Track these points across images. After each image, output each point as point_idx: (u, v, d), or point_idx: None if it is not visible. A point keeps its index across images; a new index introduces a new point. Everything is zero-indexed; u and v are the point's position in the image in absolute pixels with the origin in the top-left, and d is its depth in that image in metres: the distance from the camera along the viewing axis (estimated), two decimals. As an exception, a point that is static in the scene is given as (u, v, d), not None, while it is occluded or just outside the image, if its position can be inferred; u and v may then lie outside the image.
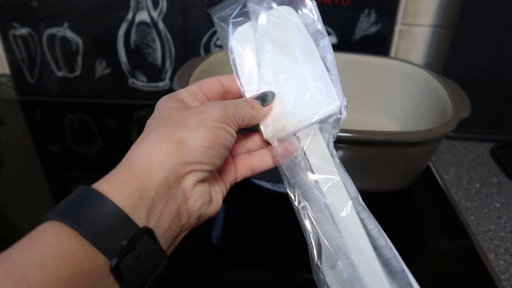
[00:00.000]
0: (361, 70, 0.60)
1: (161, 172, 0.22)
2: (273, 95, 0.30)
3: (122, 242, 0.20)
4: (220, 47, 0.68)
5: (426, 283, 0.41)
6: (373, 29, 0.66)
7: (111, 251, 0.20)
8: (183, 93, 0.28)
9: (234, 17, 0.31)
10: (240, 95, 0.31)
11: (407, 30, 0.67)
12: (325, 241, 0.29)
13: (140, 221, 0.21)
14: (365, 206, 0.30)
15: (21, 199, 0.51)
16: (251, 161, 0.31)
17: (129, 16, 0.67)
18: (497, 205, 0.52)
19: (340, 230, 0.28)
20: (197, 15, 0.66)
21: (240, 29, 0.31)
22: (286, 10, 0.32)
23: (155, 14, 0.66)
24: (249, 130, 0.31)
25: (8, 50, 0.71)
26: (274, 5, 0.32)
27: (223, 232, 0.46)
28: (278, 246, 0.44)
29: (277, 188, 0.51)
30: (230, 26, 0.31)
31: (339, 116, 0.32)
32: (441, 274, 0.41)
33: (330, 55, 0.32)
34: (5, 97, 0.76)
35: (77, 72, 0.72)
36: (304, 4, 0.33)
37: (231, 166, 0.30)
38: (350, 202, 0.29)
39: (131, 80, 0.72)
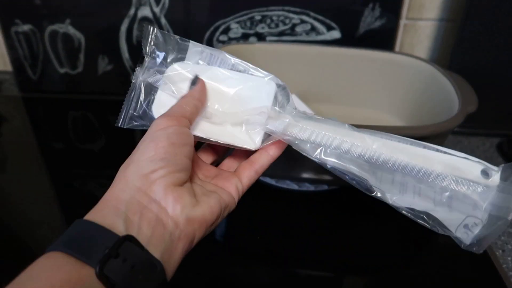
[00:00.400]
0: (365, 65, 0.59)
1: (125, 193, 0.25)
2: (197, 76, 0.31)
3: (105, 250, 0.21)
4: (223, 42, 0.68)
5: (433, 279, 0.40)
6: (378, 24, 0.65)
7: (94, 260, 0.21)
8: None
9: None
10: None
11: (412, 25, 0.66)
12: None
13: (121, 233, 0.23)
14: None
15: (24, 196, 0.51)
16: (252, 162, 0.32)
17: (131, 12, 0.66)
18: (504, 200, 0.51)
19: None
20: (200, 10, 0.65)
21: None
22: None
23: (157, 10, 0.66)
24: None
25: (10, 47, 0.71)
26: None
27: (227, 229, 0.46)
28: (282, 242, 0.44)
29: (281, 184, 0.50)
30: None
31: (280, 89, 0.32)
32: (448, 270, 0.41)
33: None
34: (7, 94, 0.76)
35: (80, 68, 0.72)
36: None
37: (229, 175, 0.31)
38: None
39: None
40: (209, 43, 0.68)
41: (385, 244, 0.44)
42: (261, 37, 0.67)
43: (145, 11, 0.66)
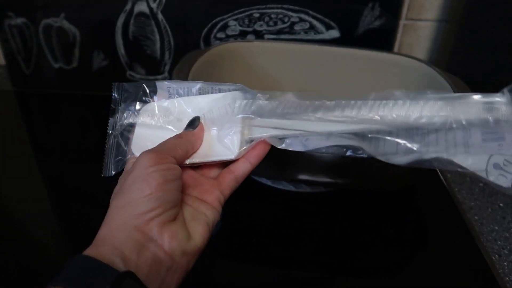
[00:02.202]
0: (364, 65, 0.59)
1: (122, 232, 0.25)
2: (198, 118, 0.32)
3: (106, 286, 0.22)
4: (221, 40, 0.67)
5: (429, 284, 0.40)
6: (377, 23, 0.64)
7: None
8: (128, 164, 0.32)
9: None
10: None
11: (412, 25, 0.66)
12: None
13: (120, 269, 0.23)
14: None
15: (16, 192, 0.50)
16: (233, 171, 0.32)
17: (128, 6, 0.65)
18: (501, 204, 0.51)
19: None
20: (197, 7, 0.65)
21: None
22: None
23: (154, 5, 0.65)
24: None
25: (3, 40, 0.70)
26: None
27: (222, 230, 0.45)
28: (278, 244, 0.43)
29: (276, 185, 0.50)
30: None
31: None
32: (444, 275, 0.40)
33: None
34: (0, 89, 0.74)
35: (74, 63, 0.71)
36: None
37: (211, 186, 0.31)
38: None
39: (129, 73, 0.71)
40: (207, 41, 0.67)
41: (380, 246, 0.44)
42: (259, 35, 0.66)
43: (141, 6, 0.65)
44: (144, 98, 0.35)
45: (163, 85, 0.34)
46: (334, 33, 0.65)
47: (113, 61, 0.70)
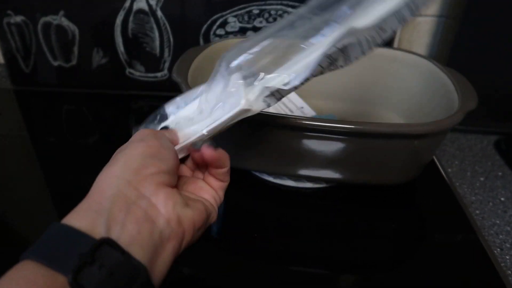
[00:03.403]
0: (363, 61, 0.58)
1: (112, 187, 0.23)
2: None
3: (79, 257, 0.20)
4: (220, 36, 0.67)
5: (430, 278, 0.40)
6: (377, 19, 0.64)
7: (67, 268, 0.20)
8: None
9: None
10: None
11: (411, 20, 0.66)
12: None
13: (100, 235, 0.21)
14: None
15: (16, 191, 0.50)
16: (213, 174, 0.32)
17: (127, 4, 0.65)
18: (502, 199, 0.51)
19: None
20: (196, 3, 0.64)
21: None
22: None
23: (153, 2, 0.64)
24: None
25: (2, 38, 0.69)
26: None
27: (224, 225, 0.45)
28: (279, 239, 0.43)
29: (278, 180, 0.50)
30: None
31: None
32: (445, 269, 0.40)
33: None
34: (-1, 87, 0.74)
35: (73, 61, 0.71)
36: None
37: (205, 184, 0.31)
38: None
39: (128, 70, 0.71)
40: (206, 37, 0.67)
41: (382, 241, 0.44)
42: (258, 32, 0.66)
43: (140, 4, 0.65)
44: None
45: (171, 108, 0.34)
46: (334, 29, 0.65)
47: (113, 58, 0.70)
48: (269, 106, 0.32)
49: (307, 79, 0.31)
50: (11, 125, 0.65)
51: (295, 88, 0.32)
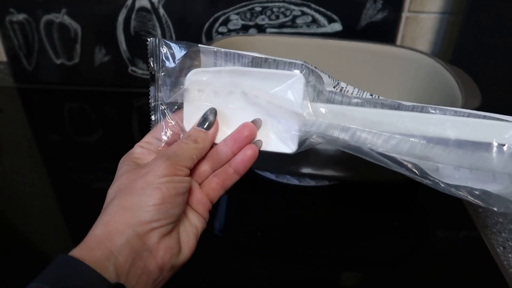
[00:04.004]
0: (366, 58, 0.59)
1: (122, 235, 0.24)
2: (213, 111, 0.30)
3: None
4: (222, 34, 0.67)
5: (433, 276, 0.40)
6: (379, 16, 0.64)
7: None
8: (136, 151, 0.30)
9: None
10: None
11: (414, 17, 0.65)
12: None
13: (111, 280, 0.23)
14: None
15: (20, 188, 0.50)
16: (218, 177, 0.31)
17: (129, 1, 0.65)
18: (505, 197, 0.51)
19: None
20: (199, 1, 0.64)
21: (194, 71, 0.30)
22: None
23: (155, 0, 0.64)
24: None
25: (5, 36, 0.69)
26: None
27: (226, 224, 0.45)
28: (282, 237, 0.43)
29: (281, 179, 0.50)
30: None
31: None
32: (448, 267, 0.40)
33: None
34: (2, 85, 0.74)
35: (76, 59, 0.71)
36: None
37: (202, 195, 0.30)
38: None
39: (131, 68, 0.71)
40: (208, 35, 0.67)
41: (385, 239, 0.44)
42: (261, 29, 0.66)
43: (143, 1, 0.65)
44: (188, 64, 0.30)
45: (208, 50, 0.30)
46: (337, 26, 0.65)
47: (115, 56, 0.70)
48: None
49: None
50: (14, 122, 0.65)
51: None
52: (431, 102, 0.53)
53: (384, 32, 0.65)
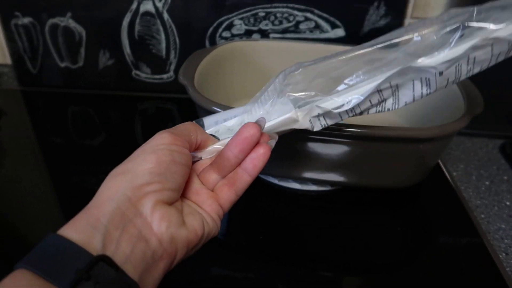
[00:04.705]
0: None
1: (112, 202, 0.23)
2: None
3: (76, 273, 0.20)
4: (226, 39, 0.67)
5: (434, 282, 0.40)
6: (382, 22, 0.64)
7: (64, 282, 0.20)
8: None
9: None
10: None
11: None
12: None
13: (96, 251, 0.22)
14: None
15: (23, 191, 0.50)
16: (228, 180, 0.30)
17: (134, 6, 0.65)
18: (507, 203, 0.51)
19: None
20: (203, 6, 0.65)
21: None
22: None
23: (160, 5, 0.65)
24: None
25: (10, 39, 0.70)
26: None
27: (229, 227, 0.45)
28: (284, 242, 0.43)
29: (283, 183, 0.50)
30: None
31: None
32: (451, 273, 0.40)
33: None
34: (6, 88, 0.75)
35: (80, 63, 0.71)
36: None
37: (209, 197, 0.29)
38: None
39: (134, 72, 0.71)
40: (212, 39, 0.67)
41: (386, 244, 0.44)
42: (264, 34, 0.66)
43: (147, 6, 0.65)
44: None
45: (210, 121, 0.34)
46: (340, 32, 0.65)
47: (119, 60, 0.70)
48: (312, 128, 0.32)
49: (356, 111, 0.31)
50: (18, 125, 0.66)
51: (341, 118, 0.32)
52: (433, 108, 0.53)
53: (387, 38, 0.65)
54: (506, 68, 0.60)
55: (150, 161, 0.25)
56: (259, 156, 0.29)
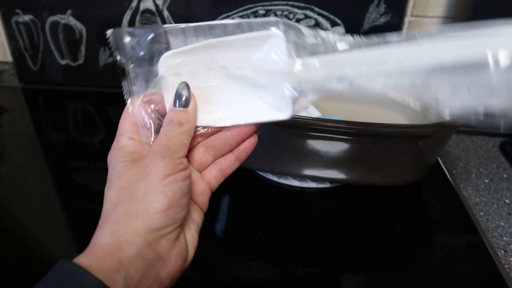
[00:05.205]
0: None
1: (133, 246, 0.24)
2: (185, 85, 0.27)
3: None
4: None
5: (434, 280, 0.40)
6: (382, 20, 0.64)
7: None
8: (126, 143, 0.28)
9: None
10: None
11: (417, 22, 0.66)
12: None
13: None
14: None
15: (23, 188, 0.51)
16: (219, 165, 0.30)
17: (134, 3, 0.65)
18: (507, 201, 0.51)
19: None
20: (203, 3, 0.65)
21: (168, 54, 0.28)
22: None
23: (160, 2, 0.65)
24: None
25: (11, 37, 0.70)
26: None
27: (227, 225, 0.45)
28: (283, 239, 0.43)
29: (282, 180, 0.50)
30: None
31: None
32: (449, 271, 0.40)
33: None
34: (7, 85, 0.75)
35: (81, 60, 0.71)
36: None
37: (203, 184, 0.29)
38: None
39: (135, 69, 0.71)
40: (212, 37, 0.67)
41: (386, 242, 0.44)
42: (264, 32, 0.66)
43: (147, 3, 0.65)
44: (158, 50, 0.28)
45: (175, 29, 0.27)
46: (339, 30, 0.65)
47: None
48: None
49: None
50: (19, 122, 0.66)
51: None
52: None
53: (387, 36, 0.65)
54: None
55: (161, 202, 0.24)
56: (252, 145, 0.30)
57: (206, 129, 0.29)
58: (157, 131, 0.28)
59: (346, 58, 0.27)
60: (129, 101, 0.29)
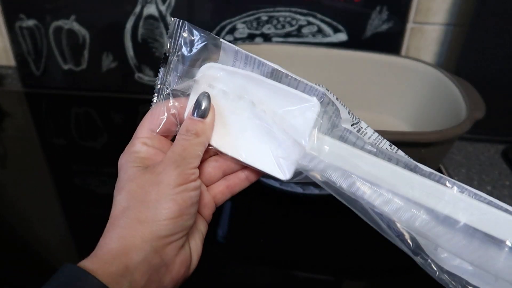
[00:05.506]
0: (371, 68, 0.59)
1: (140, 252, 0.24)
2: (206, 95, 0.27)
3: None
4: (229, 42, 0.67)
5: (434, 284, 0.40)
6: (385, 27, 0.64)
7: None
8: (139, 149, 0.28)
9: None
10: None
11: (419, 28, 0.66)
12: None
13: None
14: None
15: (25, 192, 0.51)
16: (227, 182, 0.30)
17: (137, 9, 0.66)
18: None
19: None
20: (206, 9, 0.65)
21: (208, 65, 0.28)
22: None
23: (163, 8, 0.65)
24: None
25: (14, 42, 0.70)
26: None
27: (230, 230, 0.45)
28: (285, 245, 0.43)
29: (285, 187, 0.50)
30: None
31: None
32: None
33: None
34: (10, 89, 0.75)
35: (83, 65, 0.71)
36: None
37: (209, 198, 0.29)
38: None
39: (137, 75, 0.72)
40: (215, 43, 0.68)
41: (388, 248, 0.44)
42: (267, 38, 0.67)
43: (151, 9, 0.65)
44: (203, 57, 0.28)
45: (230, 47, 0.27)
46: (342, 36, 0.65)
47: (122, 63, 0.70)
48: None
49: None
50: (21, 126, 0.66)
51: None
52: (435, 112, 0.53)
53: (389, 42, 0.66)
54: (507, 73, 0.60)
55: (171, 210, 0.25)
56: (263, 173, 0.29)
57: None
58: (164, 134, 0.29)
59: (360, 160, 0.26)
60: (154, 100, 0.30)
